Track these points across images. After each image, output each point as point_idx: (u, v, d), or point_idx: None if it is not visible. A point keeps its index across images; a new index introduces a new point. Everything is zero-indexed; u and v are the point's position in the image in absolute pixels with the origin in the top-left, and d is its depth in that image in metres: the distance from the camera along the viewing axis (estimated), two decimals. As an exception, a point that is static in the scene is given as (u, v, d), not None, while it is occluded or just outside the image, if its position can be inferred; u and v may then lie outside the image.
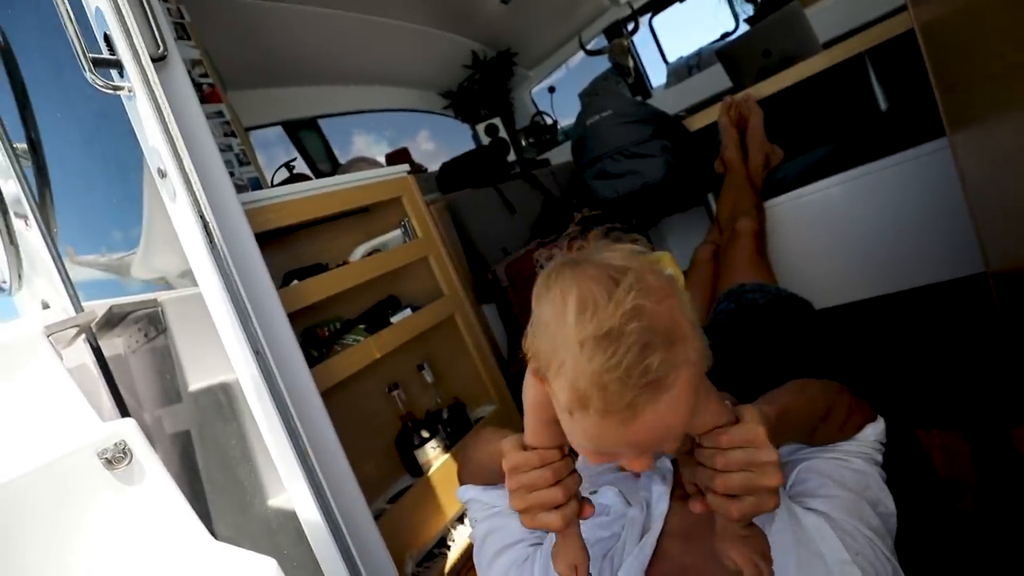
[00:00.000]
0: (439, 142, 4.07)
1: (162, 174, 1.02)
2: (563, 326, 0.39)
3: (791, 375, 0.72)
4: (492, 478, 0.81)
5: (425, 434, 1.49)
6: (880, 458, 0.70)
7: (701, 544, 0.63)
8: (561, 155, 3.30)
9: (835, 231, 1.64)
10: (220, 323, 0.98)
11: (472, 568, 0.84)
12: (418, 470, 1.48)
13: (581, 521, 0.73)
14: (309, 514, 1.04)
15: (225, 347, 1.00)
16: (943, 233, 1.48)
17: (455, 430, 1.57)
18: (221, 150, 1.17)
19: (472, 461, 0.87)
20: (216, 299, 0.97)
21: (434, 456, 1.49)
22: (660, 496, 0.70)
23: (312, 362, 1.22)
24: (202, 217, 1.01)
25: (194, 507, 1.19)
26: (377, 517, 1.21)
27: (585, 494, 0.77)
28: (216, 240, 1.01)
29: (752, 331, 1.10)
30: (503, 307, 2.04)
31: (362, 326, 1.47)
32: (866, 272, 1.62)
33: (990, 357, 1.14)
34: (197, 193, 1.00)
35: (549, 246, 1.98)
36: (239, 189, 1.23)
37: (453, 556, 1.37)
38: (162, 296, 1.41)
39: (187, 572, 1.11)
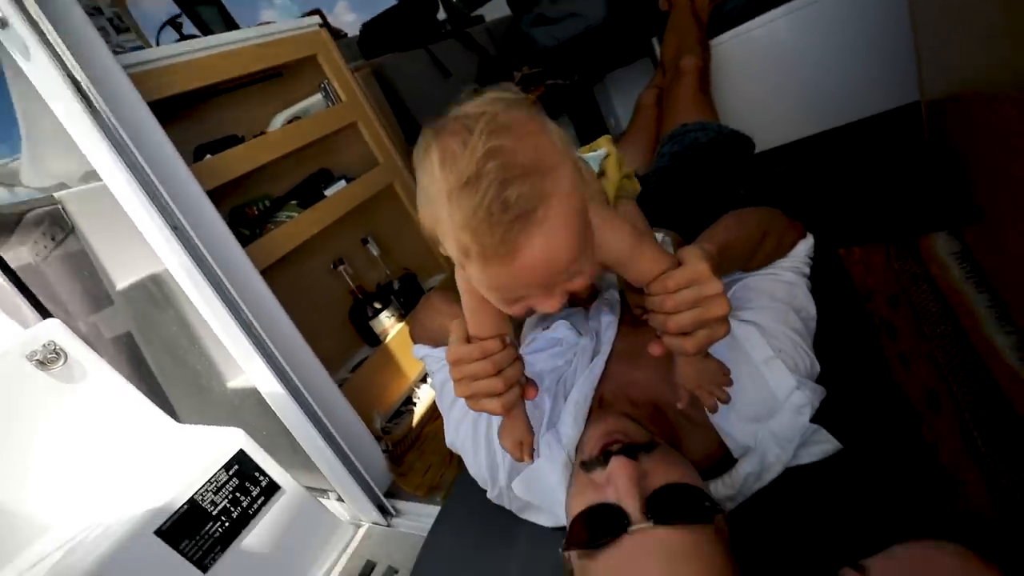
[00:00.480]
0: (360, 12, 3.56)
1: (3, 24, 0.83)
2: (434, 185, 0.39)
3: (731, 208, 0.73)
4: (443, 344, 0.83)
5: (378, 305, 1.49)
6: (808, 271, 0.75)
7: (646, 362, 0.68)
8: (496, 9, 2.97)
9: (781, 66, 1.60)
10: (123, 197, 0.88)
11: (438, 417, 0.89)
12: (375, 340, 1.50)
13: (537, 353, 0.77)
14: (269, 386, 1.05)
15: (138, 226, 0.91)
16: (885, 64, 1.47)
17: (408, 299, 1.58)
18: (89, 14, 0.97)
19: (422, 328, 0.88)
20: (111, 169, 0.86)
21: (390, 325, 1.50)
22: (608, 324, 0.73)
23: (244, 241, 1.15)
24: (70, 76, 0.85)
25: (153, 401, 1.17)
26: (341, 385, 1.24)
27: (539, 330, 0.81)
28: (96, 103, 0.86)
29: (694, 169, 1.10)
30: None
31: (294, 202, 1.37)
32: (810, 109, 1.62)
33: (912, 178, 1.20)
34: (55, 45, 0.83)
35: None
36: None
37: (420, 411, 1.45)
38: (59, 193, 1.25)
39: (154, 454, 1.12)
